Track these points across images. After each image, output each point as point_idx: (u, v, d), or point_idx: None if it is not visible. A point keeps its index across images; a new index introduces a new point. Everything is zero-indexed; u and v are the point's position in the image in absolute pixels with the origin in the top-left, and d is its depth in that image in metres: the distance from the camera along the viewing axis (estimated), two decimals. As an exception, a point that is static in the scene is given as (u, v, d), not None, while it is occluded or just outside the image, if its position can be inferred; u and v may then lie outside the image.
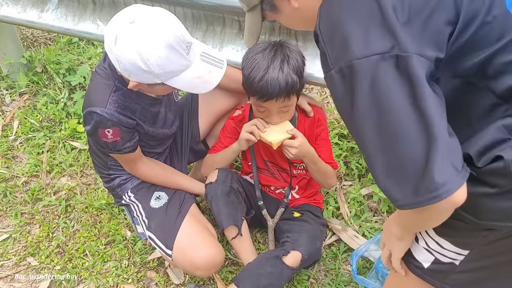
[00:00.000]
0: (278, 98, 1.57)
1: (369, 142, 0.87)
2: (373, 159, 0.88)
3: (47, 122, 2.61)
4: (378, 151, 0.86)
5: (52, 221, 2.12)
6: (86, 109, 1.53)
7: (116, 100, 1.53)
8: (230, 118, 1.89)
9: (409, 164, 0.82)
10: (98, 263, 1.93)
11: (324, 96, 2.69)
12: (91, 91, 1.58)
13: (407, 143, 0.82)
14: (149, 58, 1.32)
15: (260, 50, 1.59)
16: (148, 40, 1.32)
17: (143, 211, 1.75)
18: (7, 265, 1.97)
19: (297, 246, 1.67)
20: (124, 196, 1.81)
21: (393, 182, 0.85)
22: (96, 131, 1.54)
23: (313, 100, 1.86)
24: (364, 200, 2.08)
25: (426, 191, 0.80)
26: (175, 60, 1.36)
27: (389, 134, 0.84)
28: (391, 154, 0.84)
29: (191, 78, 1.41)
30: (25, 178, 2.32)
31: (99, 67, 1.59)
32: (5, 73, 2.87)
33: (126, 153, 1.63)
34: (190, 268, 1.65)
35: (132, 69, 1.35)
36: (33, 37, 3.24)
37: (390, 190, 0.86)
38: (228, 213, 1.71)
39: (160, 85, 1.42)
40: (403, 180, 0.83)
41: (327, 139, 1.85)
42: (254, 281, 1.64)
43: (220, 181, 1.75)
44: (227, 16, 1.86)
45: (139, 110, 1.61)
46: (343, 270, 1.86)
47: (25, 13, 2.33)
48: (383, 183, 0.87)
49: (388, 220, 1.14)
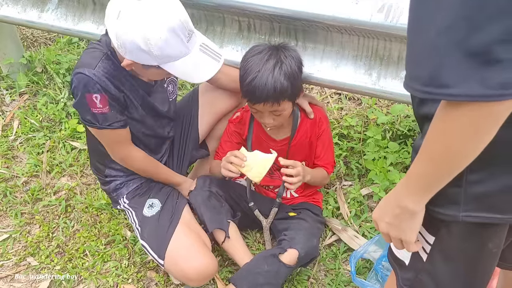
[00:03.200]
0: (266, 102, 1.58)
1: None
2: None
3: (47, 122, 2.61)
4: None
5: (52, 221, 2.12)
6: (73, 72, 1.49)
7: (106, 66, 1.50)
8: (229, 122, 1.89)
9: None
10: (98, 263, 1.93)
11: (324, 96, 2.69)
12: (82, 57, 1.55)
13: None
14: (150, 39, 1.31)
15: (257, 53, 1.61)
16: (152, 20, 1.31)
17: (137, 219, 1.75)
18: (7, 265, 1.97)
19: (294, 244, 1.68)
20: (120, 201, 1.81)
21: (454, 62, 0.66)
22: (84, 97, 1.48)
23: (314, 99, 1.86)
24: (364, 200, 2.08)
25: (499, 85, 0.65)
26: (175, 45, 1.35)
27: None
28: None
29: (187, 66, 1.40)
30: (25, 178, 2.32)
31: (92, 42, 1.57)
32: (5, 73, 2.87)
33: (116, 128, 1.58)
34: (182, 278, 1.66)
35: (130, 47, 1.34)
36: (33, 37, 3.24)
37: (443, 71, 0.67)
38: (210, 217, 1.73)
39: (155, 68, 1.40)
40: (472, 65, 0.65)
41: (328, 139, 1.86)
42: (251, 280, 1.64)
43: (198, 188, 1.78)
44: (227, 16, 1.86)
45: (128, 86, 1.56)
46: (343, 270, 1.86)
47: (25, 13, 2.33)
48: (433, 61, 0.68)
49: (388, 199, 0.92)
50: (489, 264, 0.97)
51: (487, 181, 0.84)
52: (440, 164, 0.78)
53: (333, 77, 1.73)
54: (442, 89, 0.68)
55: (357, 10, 1.53)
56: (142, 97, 1.65)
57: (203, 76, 1.45)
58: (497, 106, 0.67)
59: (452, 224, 0.90)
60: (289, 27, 1.76)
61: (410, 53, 0.74)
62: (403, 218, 0.88)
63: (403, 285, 1.05)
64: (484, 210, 0.86)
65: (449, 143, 0.74)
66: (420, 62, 0.71)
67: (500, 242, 0.93)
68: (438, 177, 0.81)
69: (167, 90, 1.79)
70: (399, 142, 2.22)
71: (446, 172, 0.79)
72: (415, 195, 0.85)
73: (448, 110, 0.71)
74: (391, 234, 0.93)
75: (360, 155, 2.23)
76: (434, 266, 0.98)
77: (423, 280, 1.00)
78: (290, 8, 1.64)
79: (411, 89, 0.73)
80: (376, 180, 2.05)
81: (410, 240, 0.91)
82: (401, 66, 1.63)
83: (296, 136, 1.82)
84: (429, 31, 0.68)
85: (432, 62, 0.68)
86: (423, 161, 0.80)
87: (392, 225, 0.91)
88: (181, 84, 2.79)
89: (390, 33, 1.53)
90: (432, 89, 0.69)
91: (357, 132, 2.33)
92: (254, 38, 1.86)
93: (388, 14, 1.48)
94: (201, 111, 1.92)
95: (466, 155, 0.75)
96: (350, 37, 1.67)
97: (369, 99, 2.52)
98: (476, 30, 0.64)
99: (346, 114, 2.51)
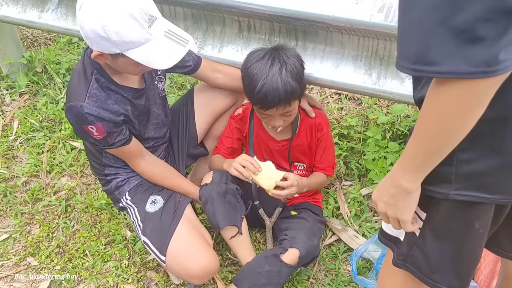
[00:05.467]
0: (279, 106, 1.59)
1: None
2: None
3: (47, 122, 2.61)
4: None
5: (52, 221, 2.12)
6: (65, 105, 1.55)
7: (95, 93, 1.52)
8: (231, 118, 1.89)
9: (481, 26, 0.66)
10: (98, 263, 1.93)
11: (324, 96, 2.69)
12: (70, 85, 1.58)
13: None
14: (106, 24, 1.32)
15: (258, 58, 1.61)
16: (108, 6, 1.33)
17: (139, 215, 1.74)
18: (7, 265, 1.97)
19: (295, 244, 1.68)
20: (122, 199, 1.81)
21: (440, 39, 0.68)
22: (81, 128, 1.55)
23: (313, 100, 1.86)
24: (364, 200, 2.08)
25: (482, 63, 0.67)
26: (134, 30, 1.35)
27: None
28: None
29: (151, 52, 1.39)
30: (25, 178, 2.32)
31: (81, 56, 1.60)
32: (5, 73, 2.87)
33: (119, 146, 1.62)
34: (184, 275, 1.65)
35: (92, 36, 1.36)
36: (33, 37, 3.24)
37: (430, 49, 0.69)
38: (225, 213, 1.71)
39: (121, 57, 1.40)
40: (459, 43, 0.68)
41: (329, 143, 1.86)
42: (252, 280, 1.64)
43: (215, 182, 1.74)
44: (227, 16, 1.86)
45: (121, 102, 1.58)
46: (343, 270, 1.86)
47: (25, 13, 2.33)
48: (423, 39, 0.70)
49: (385, 180, 0.96)
50: (477, 243, 0.99)
51: (477, 160, 0.86)
52: (431, 142, 0.80)
53: (333, 77, 1.73)
54: (429, 67, 0.71)
55: (357, 10, 1.53)
56: (136, 107, 1.65)
57: (168, 61, 1.42)
58: (482, 82, 0.69)
59: (441, 202, 0.93)
60: (289, 27, 1.76)
61: (400, 33, 0.76)
62: (399, 197, 0.92)
63: (397, 260, 1.07)
64: (474, 189, 0.89)
65: (438, 120, 0.76)
66: (408, 41, 0.74)
67: (486, 223, 0.95)
68: (430, 155, 0.83)
69: (158, 87, 1.79)
70: (399, 142, 2.22)
71: (437, 149, 0.81)
72: (410, 173, 0.88)
73: (436, 88, 0.74)
74: (388, 214, 0.96)
75: (360, 155, 2.23)
76: (425, 242, 1.00)
77: (415, 255, 1.03)
78: (290, 8, 1.64)
79: (401, 67, 0.76)
80: (376, 180, 2.05)
81: (406, 219, 0.95)
82: (401, 66, 1.63)
83: (297, 137, 1.82)
84: (415, 11, 0.70)
85: (419, 41, 0.71)
86: (415, 139, 0.83)
87: (389, 204, 0.95)
88: (181, 84, 2.79)
89: (390, 33, 1.53)
90: (419, 66, 0.72)
91: (357, 132, 2.33)
92: (254, 38, 1.86)
93: (388, 14, 1.48)
94: (197, 110, 1.91)
95: (455, 132, 0.77)
96: (350, 37, 1.67)
97: (369, 99, 2.52)
98: (458, 9, 0.66)
99: (346, 114, 2.51)
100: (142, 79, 1.69)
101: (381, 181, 0.97)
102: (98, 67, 1.53)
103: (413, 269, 1.04)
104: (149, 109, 1.73)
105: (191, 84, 2.74)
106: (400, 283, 1.13)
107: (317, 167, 1.88)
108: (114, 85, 1.56)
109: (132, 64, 1.43)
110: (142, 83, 1.68)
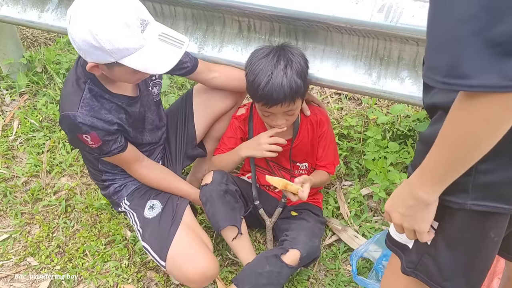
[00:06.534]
0: (283, 103, 1.58)
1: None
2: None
3: (47, 122, 2.61)
4: None
5: (52, 221, 2.12)
6: (60, 115, 1.52)
7: (89, 103, 1.50)
8: (234, 117, 1.89)
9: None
10: (98, 263, 1.93)
11: (324, 96, 2.69)
12: (63, 95, 1.56)
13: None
14: (97, 33, 1.29)
15: (264, 55, 1.60)
16: (98, 15, 1.30)
17: (138, 220, 1.74)
18: (7, 265, 1.97)
19: (296, 244, 1.68)
20: (121, 204, 1.81)
21: (472, 52, 0.67)
22: (76, 137, 1.53)
23: (311, 96, 1.86)
24: (364, 200, 2.08)
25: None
26: (127, 36, 1.32)
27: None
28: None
29: (146, 57, 1.36)
30: (25, 178, 2.32)
31: (74, 65, 1.58)
32: (5, 73, 2.87)
33: (115, 154, 1.61)
34: (184, 280, 1.65)
35: (85, 47, 1.33)
36: (33, 37, 3.24)
37: (462, 61, 0.67)
38: (225, 213, 1.71)
39: (117, 66, 1.37)
40: (491, 57, 0.66)
41: (330, 140, 1.86)
42: (253, 281, 1.64)
43: (215, 183, 1.74)
44: (227, 16, 1.86)
45: (114, 111, 1.57)
46: (343, 270, 1.86)
47: (25, 13, 2.33)
48: (454, 51, 0.68)
49: (401, 190, 0.93)
50: (490, 252, 0.98)
51: (496, 171, 0.85)
52: (455, 154, 0.78)
53: (333, 77, 1.73)
54: (461, 80, 0.68)
55: (357, 10, 1.53)
56: (130, 114, 1.64)
57: (166, 65, 1.39)
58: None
59: (457, 211, 0.91)
60: (289, 27, 1.76)
61: (429, 44, 0.74)
62: (416, 209, 0.90)
63: (406, 267, 1.06)
64: (491, 200, 0.87)
65: (466, 133, 0.74)
66: (439, 52, 0.71)
67: (501, 231, 0.94)
68: (452, 168, 0.81)
69: (152, 92, 1.78)
70: (399, 142, 2.22)
71: (461, 162, 0.79)
72: (429, 185, 0.85)
73: (465, 100, 0.71)
74: (405, 225, 0.94)
75: (360, 155, 2.23)
76: (437, 250, 0.99)
77: (426, 263, 1.02)
78: (290, 8, 1.64)
79: (429, 80, 0.73)
80: (376, 180, 2.05)
81: (423, 231, 0.93)
82: (401, 66, 1.63)
83: (298, 137, 1.82)
84: (449, 21, 0.68)
85: (451, 52, 0.69)
86: (438, 151, 0.81)
87: (405, 216, 0.92)
88: (181, 84, 2.79)
89: (390, 33, 1.53)
90: (450, 79, 0.69)
91: (357, 132, 2.33)
92: (254, 38, 1.86)
93: (388, 14, 1.48)
94: (196, 112, 1.91)
95: (482, 146, 0.75)
96: (350, 37, 1.67)
97: (369, 99, 2.52)
98: (496, 20, 0.64)
99: (346, 114, 2.51)
100: (136, 86, 1.67)
101: (396, 191, 0.95)
102: (91, 76, 1.51)
103: (424, 277, 1.03)
104: (144, 115, 1.72)
105: (191, 84, 2.74)
106: (404, 287, 1.12)
107: (318, 165, 1.88)
108: (108, 94, 1.55)
109: (129, 72, 1.40)
110: (136, 91, 1.66)
